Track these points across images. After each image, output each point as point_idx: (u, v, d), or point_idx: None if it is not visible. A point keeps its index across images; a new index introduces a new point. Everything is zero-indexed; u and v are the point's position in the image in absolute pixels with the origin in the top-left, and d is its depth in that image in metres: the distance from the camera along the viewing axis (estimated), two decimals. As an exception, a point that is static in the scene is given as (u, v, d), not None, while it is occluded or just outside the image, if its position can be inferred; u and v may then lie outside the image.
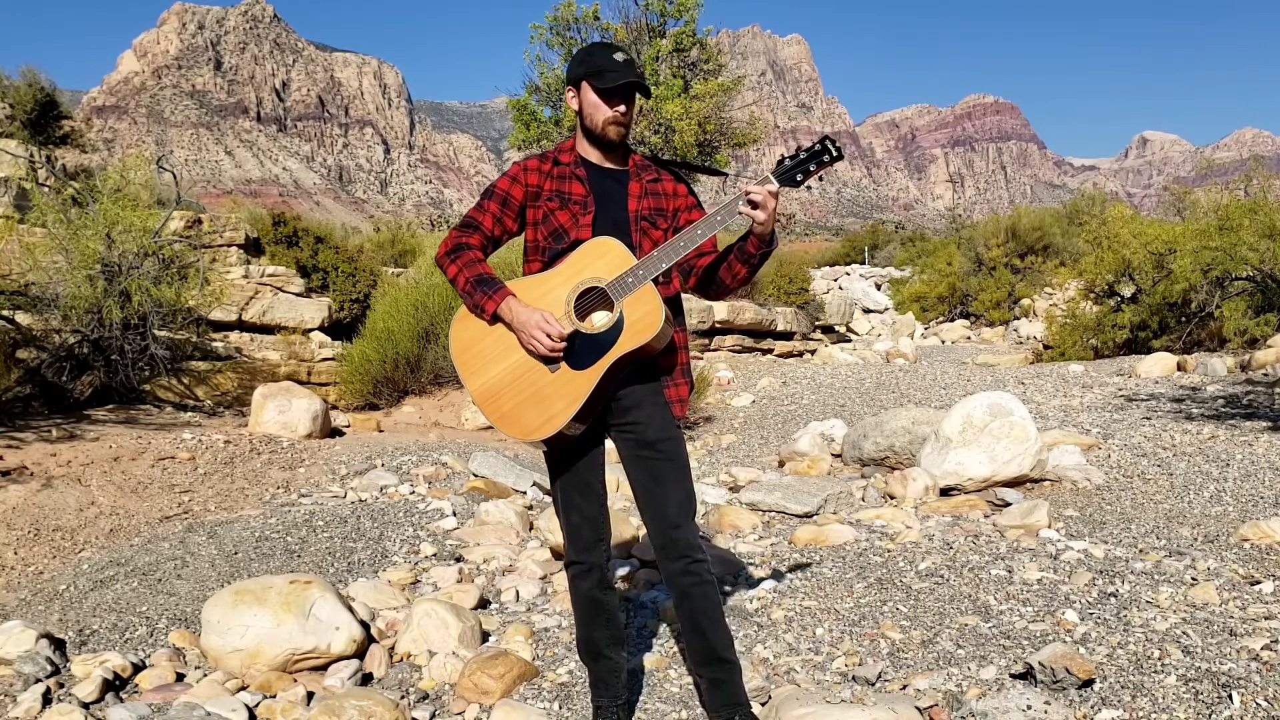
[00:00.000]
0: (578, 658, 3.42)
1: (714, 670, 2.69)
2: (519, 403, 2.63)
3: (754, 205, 2.54)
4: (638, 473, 2.72)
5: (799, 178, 2.60)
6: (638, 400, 2.70)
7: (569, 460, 2.76)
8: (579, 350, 2.60)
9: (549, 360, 2.60)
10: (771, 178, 2.60)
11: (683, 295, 2.90)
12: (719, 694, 2.69)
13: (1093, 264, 13.29)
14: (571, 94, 2.74)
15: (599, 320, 2.60)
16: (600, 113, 2.67)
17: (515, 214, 2.76)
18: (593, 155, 2.76)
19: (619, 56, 2.67)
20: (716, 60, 15.27)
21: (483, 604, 4.14)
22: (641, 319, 2.57)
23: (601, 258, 2.61)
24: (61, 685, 3.30)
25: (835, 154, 2.59)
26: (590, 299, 2.61)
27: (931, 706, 2.84)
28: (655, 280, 2.60)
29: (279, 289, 11.50)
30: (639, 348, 2.58)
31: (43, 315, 8.01)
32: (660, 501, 2.69)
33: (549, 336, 2.55)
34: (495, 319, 2.64)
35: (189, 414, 8.21)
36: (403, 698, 3.21)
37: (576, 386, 2.59)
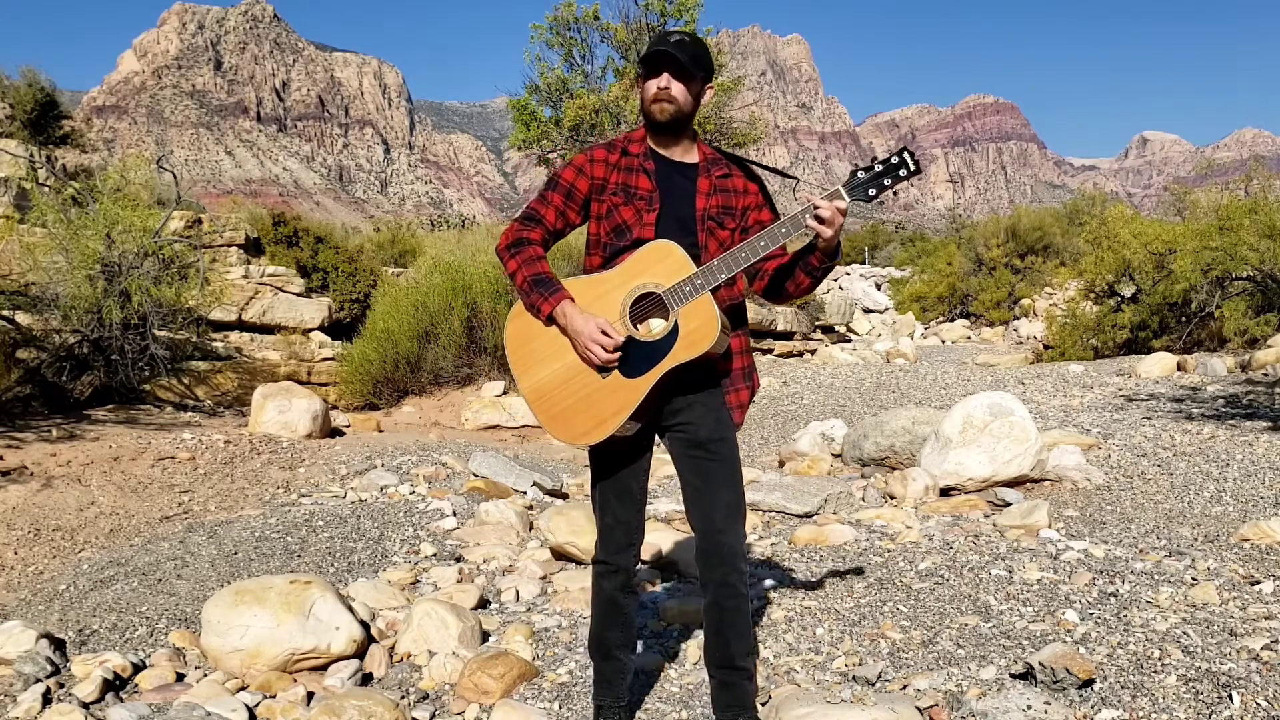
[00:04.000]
0: (578, 658, 3.43)
1: (726, 674, 2.68)
2: (569, 405, 2.57)
3: (820, 221, 2.42)
4: (688, 472, 2.66)
5: (872, 192, 2.44)
6: (691, 401, 2.63)
7: (612, 463, 2.70)
8: (632, 356, 2.52)
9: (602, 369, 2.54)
10: (843, 192, 2.46)
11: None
12: (727, 695, 2.68)
13: (1093, 264, 13.29)
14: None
15: (654, 327, 2.53)
16: (643, 91, 2.60)
17: (579, 207, 2.67)
18: (661, 146, 2.64)
19: (664, 33, 2.61)
20: (716, 60, 15.26)
21: (483, 604, 4.14)
22: (697, 330, 2.49)
23: (660, 262, 2.52)
24: (61, 685, 3.30)
25: (913, 168, 2.44)
26: (647, 304, 2.53)
27: (931, 706, 2.84)
28: (715, 289, 2.49)
29: (279, 289, 11.51)
30: (693, 359, 2.51)
31: (43, 315, 8.02)
32: (707, 503, 2.62)
33: (604, 349, 2.48)
34: (550, 321, 2.57)
35: (189, 414, 8.21)
36: (403, 698, 3.21)
37: (627, 394, 2.52)
